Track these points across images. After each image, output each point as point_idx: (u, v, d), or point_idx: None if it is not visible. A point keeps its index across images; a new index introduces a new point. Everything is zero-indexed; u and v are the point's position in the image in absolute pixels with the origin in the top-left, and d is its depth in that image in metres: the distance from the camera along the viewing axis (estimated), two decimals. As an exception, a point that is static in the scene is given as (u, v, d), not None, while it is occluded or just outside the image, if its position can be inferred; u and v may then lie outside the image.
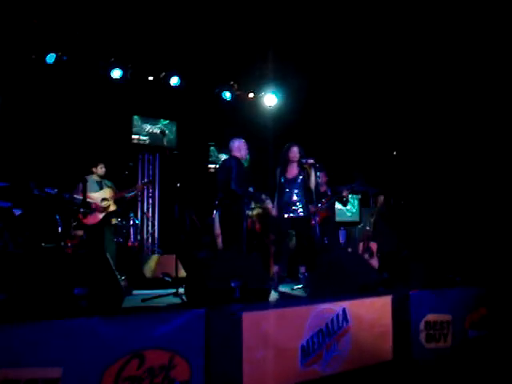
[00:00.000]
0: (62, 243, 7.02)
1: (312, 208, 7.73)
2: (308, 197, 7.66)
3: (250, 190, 7.19)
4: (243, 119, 12.28)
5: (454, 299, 6.35)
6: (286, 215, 7.56)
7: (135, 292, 6.69)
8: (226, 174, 7.11)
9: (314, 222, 8.50)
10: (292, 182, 7.64)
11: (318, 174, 8.08)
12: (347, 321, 5.42)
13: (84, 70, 10.22)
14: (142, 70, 11.03)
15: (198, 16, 9.79)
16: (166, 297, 5.82)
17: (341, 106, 12.05)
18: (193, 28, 10.04)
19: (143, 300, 5.59)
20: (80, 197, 7.18)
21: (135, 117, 11.46)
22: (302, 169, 7.60)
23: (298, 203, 7.56)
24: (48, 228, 7.33)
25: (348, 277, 5.86)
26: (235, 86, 12.22)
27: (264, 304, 4.78)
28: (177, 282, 7.27)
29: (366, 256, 9.31)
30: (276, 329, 4.78)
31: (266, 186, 9.27)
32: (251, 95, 12.45)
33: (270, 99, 12.30)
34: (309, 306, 5.10)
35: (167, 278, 7.40)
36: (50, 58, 9.68)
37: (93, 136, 10.17)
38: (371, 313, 5.68)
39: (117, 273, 4.29)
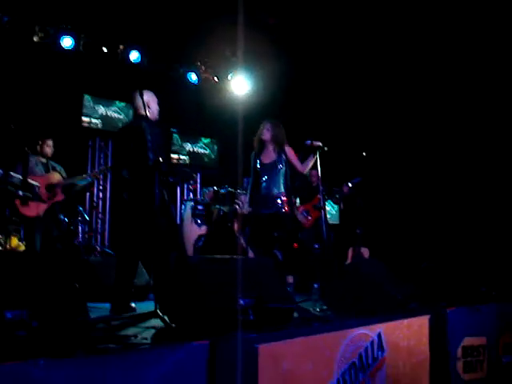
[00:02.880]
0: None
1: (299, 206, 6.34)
2: (290, 187, 6.20)
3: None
4: (210, 105, 10.85)
5: (489, 318, 5.20)
6: (262, 211, 6.07)
7: (90, 305, 5.11)
8: (133, 141, 5.03)
9: (305, 222, 7.19)
10: (270, 169, 6.09)
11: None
12: (383, 349, 4.08)
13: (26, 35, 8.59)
14: (96, 41, 9.42)
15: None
16: (140, 317, 4.26)
17: (322, 95, 10.68)
18: None
19: (106, 322, 4.02)
20: (19, 176, 5.50)
21: (86, 97, 9.83)
22: (281, 151, 6.13)
23: (277, 195, 6.04)
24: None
25: (378, 292, 4.49)
26: (202, 67, 10.75)
27: (285, 331, 3.32)
28: (141, 292, 5.81)
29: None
30: (301, 365, 3.38)
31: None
32: (217, 78, 11.00)
33: (240, 85, 10.83)
34: (341, 332, 3.71)
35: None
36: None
37: (38, 111, 8.52)
38: (408, 338, 4.36)
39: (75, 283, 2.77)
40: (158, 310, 3.88)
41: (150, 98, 5.28)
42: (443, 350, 4.68)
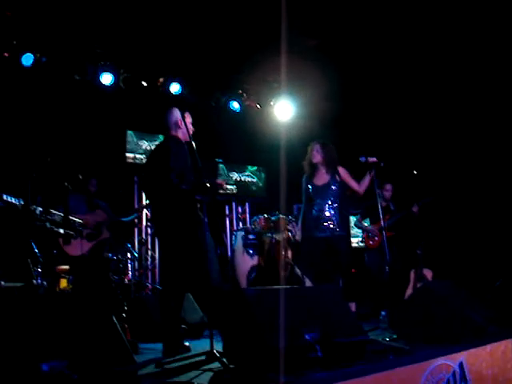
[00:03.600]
0: (39, 282, 5.06)
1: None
2: (346, 208, 5.90)
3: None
4: (254, 132, 10.60)
5: None
6: (316, 235, 5.73)
7: (142, 346, 4.82)
8: (158, 163, 4.66)
9: (371, 243, 6.87)
10: (323, 191, 5.81)
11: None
12: (466, 380, 3.65)
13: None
14: (135, 76, 9.31)
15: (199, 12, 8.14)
16: (194, 358, 3.92)
17: (369, 114, 10.29)
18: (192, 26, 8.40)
19: (158, 365, 3.71)
20: (60, 214, 5.27)
21: (129, 132, 9.69)
22: (335, 172, 5.84)
23: (332, 218, 5.71)
24: (15, 257, 5.25)
25: (453, 316, 4.06)
26: (244, 95, 10.53)
27: (358, 368, 2.95)
28: (195, 330, 5.50)
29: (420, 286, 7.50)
30: (379, 405, 2.99)
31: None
32: (259, 105, 10.77)
33: (284, 110, 10.55)
34: (420, 364, 3.31)
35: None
36: (27, 59, 7.94)
37: (81, 149, 8.39)
38: (492, 365, 3.92)
39: (121, 332, 2.46)
40: (215, 350, 3.55)
41: (180, 118, 4.91)
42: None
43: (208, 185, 4.30)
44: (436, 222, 8.63)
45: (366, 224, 7.74)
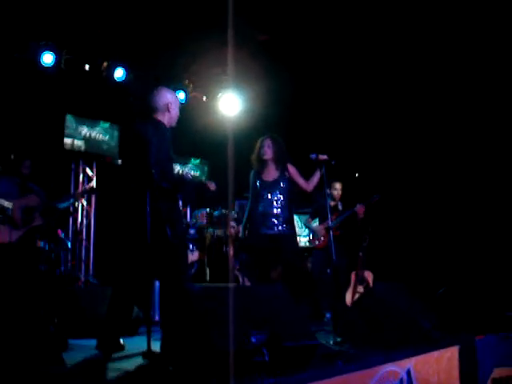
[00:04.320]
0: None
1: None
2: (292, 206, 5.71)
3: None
4: (199, 124, 10.35)
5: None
6: (262, 231, 5.50)
7: (72, 342, 4.51)
8: (137, 151, 4.21)
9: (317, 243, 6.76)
10: (272, 187, 5.55)
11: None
12: (412, 388, 3.53)
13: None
14: (78, 58, 8.92)
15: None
16: (130, 358, 3.66)
17: (316, 112, 10.21)
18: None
19: (89, 365, 3.43)
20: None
21: (69, 117, 9.26)
22: (284, 169, 5.64)
23: (279, 215, 5.47)
24: None
25: (400, 322, 3.96)
26: (190, 85, 10.29)
27: (305, 374, 2.77)
28: (130, 327, 5.24)
29: (360, 289, 7.42)
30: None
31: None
32: (206, 97, 10.56)
33: (230, 104, 10.36)
34: (368, 370, 3.16)
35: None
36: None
37: (16, 130, 7.97)
38: (438, 372, 3.82)
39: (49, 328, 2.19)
40: (152, 350, 3.29)
41: (171, 100, 4.48)
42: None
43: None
44: (380, 224, 8.60)
45: (314, 224, 7.64)
